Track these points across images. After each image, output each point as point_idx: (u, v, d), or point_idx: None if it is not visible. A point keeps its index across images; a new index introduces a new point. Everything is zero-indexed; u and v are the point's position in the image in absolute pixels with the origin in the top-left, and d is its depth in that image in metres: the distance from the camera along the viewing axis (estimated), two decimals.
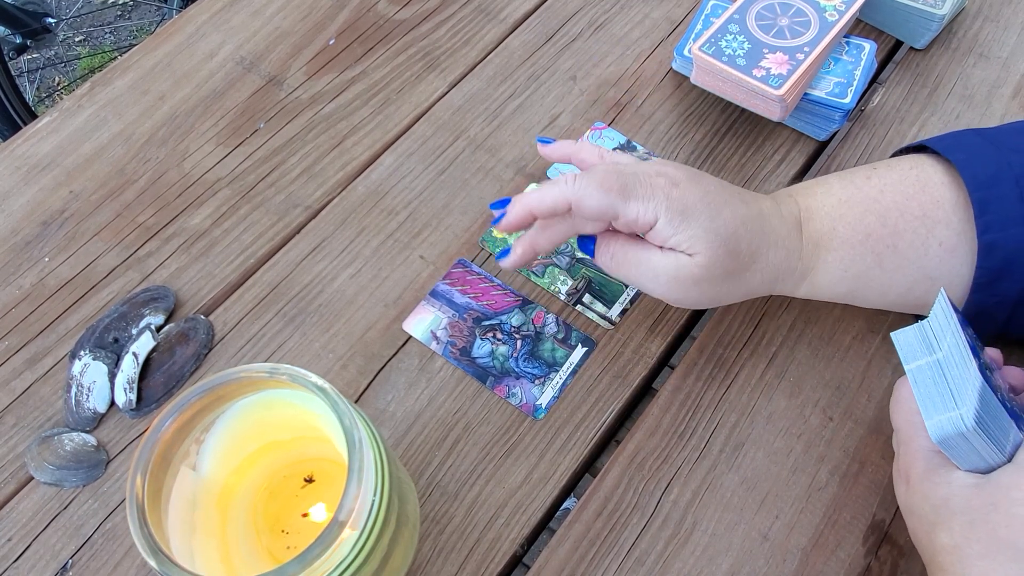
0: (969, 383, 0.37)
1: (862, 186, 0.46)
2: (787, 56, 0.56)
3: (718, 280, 0.44)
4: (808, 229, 0.46)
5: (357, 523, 0.32)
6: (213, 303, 0.54)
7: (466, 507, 0.47)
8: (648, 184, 0.43)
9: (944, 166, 0.46)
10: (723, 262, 0.43)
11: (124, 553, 0.46)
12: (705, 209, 0.43)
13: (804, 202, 0.47)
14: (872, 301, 0.48)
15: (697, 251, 0.43)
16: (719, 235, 0.43)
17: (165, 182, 0.59)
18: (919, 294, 0.46)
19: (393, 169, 0.59)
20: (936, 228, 0.44)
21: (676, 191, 0.43)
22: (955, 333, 0.38)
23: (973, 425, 0.36)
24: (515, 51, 0.65)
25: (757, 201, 0.46)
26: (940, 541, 0.38)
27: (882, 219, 0.45)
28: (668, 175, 0.44)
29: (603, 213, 0.43)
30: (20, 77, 1.85)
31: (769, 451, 0.48)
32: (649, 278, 0.45)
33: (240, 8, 0.68)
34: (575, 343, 0.51)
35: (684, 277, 0.44)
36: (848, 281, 0.46)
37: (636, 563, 0.45)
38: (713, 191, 0.44)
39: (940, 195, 0.44)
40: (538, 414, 0.49)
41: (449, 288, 0.53)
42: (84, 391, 0.50)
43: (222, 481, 0.38)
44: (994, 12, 0.65)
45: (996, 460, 0.37)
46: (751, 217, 0.44)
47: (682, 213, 0.42)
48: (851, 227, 0.45)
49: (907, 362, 0.39)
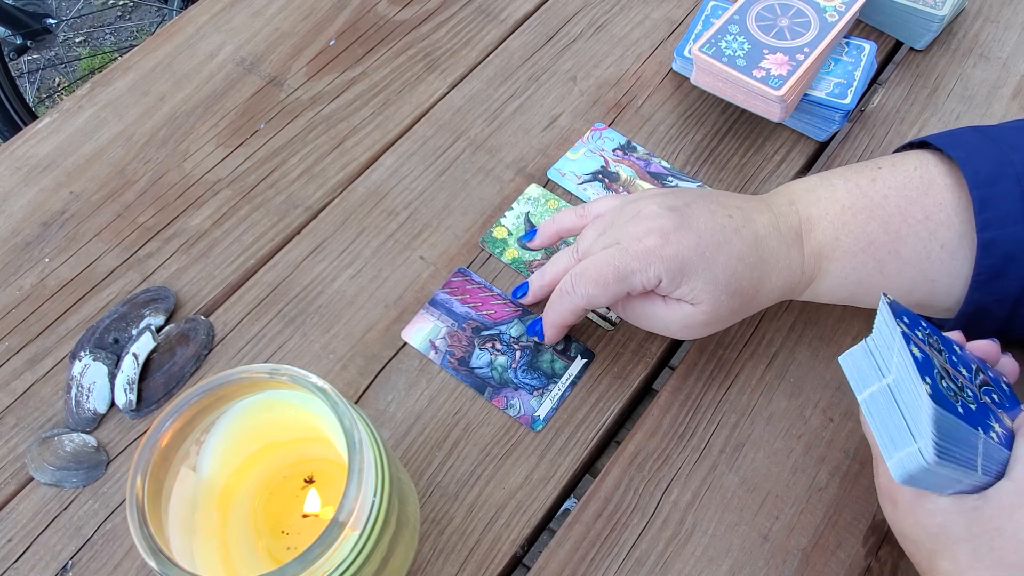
0: (922, 411, 0.34)
1: (867, 190, 0.46)
2: (787, 57, 0.56)
3: (727, 318, 0.46)
4: (810, 240, 0.46)
5: (357, 524, 0.32)
6: (213, 304, 0.54)
7: (466, 508, 0.46)
8: (640, 253, 0.44)
9: (947, 166, 0.45)
10: (727, 304, 0.45)
11: (124, 554, 0.46)
12: (700, 260, 0.43)
13: (805, 211, 0.47)
14: (873, 303, 0.48)
15: (700, 301, 0.44)
16: (718, 283, 0.44)
17: (165, 183, 0.59)
18: (920, 296, 0.46)
19: (393, 170, 0.59)
20: (938, 231, 0.44)
21: (669, 248, 0.43)
22: (900, 349, 0.35)
23: (934, 458, 0.33)
24: (515, 52, 0.65)
25: (751, 223, 0.45)
26: (943, 568, 0.36)
27: (885, 225, 0.45)
28: (658, 229, 0.44)
29: (615, 300, 0.45)
30: (20, 78, 1.85)
31: (769, 452, 0.48)
32: (661, 328, 0.47)
33: (240, 9, 0.68)
34: (574, 354, 0.51)
35: (694, 324, 0.46)
36: (849, 287, 0.46)
37: (636, 564, 0.45)
38: (706, 235, 0.44)
39: (943, 198, 0.44)
40: (536, 426, 0.49)
41: (449, 297, 0.53)
42: (84, 392, 0.50)
43: (222, 482, 0.38)
44: (994, 13, 0.65)
45: (975, 478, 0.35)
46: (747, 250, 0.44)
47: (680, 270, 0.44)
48: (854, 236, 0.45)
49: (859, 391, 0.37)
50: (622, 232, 0.45)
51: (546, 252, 0.55)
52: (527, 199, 0.57)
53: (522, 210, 0.56)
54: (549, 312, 0.48)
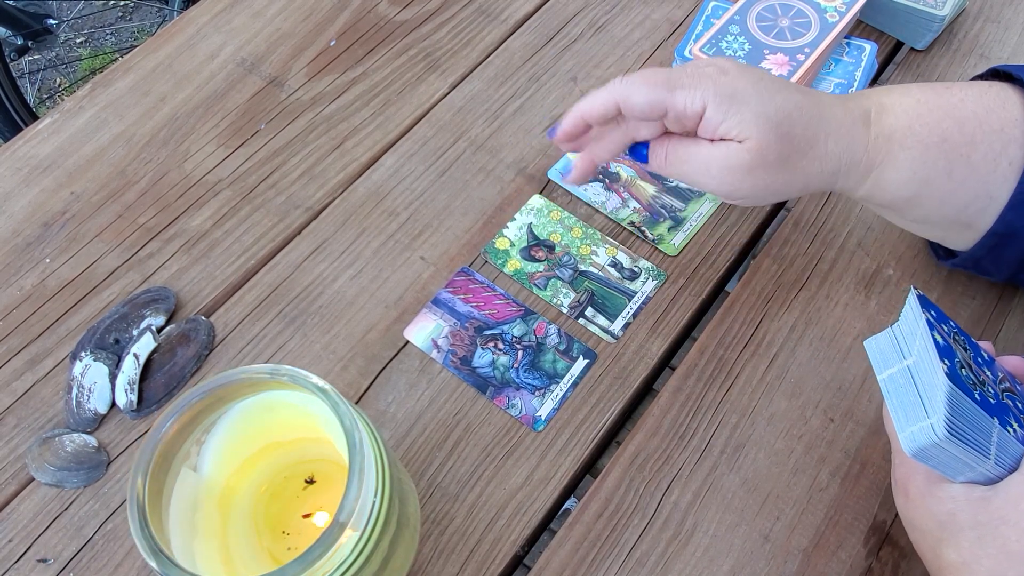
0: (938, 389, 0.35)
1: (942, 93, 0.45)
2: (788, 57, 0.56)
3: (772, 167, 0.42)
4: (882, 123, 0.44)
5: (358, 524, 0.32)
6: (214, 304, 0.54)
7: (467, 508, 0.46)
8: (695, 74, 0.42)
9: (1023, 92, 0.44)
10: (776, 146, 0.41)
11: (125, 554, 0.46)
12: (755, 93, 0.42)
13: (878, 98, 0.45)
14: (927, 213, 0.46)
15: (748, 135, 0.41)
16: (770, 119, 0.41)
17: (166, 183, 0.59)
18: (973, 212, 0.44)
19: (394, 170, 0.59)
20: (1010, 146, 0.43)
21: (724, 78, 0.42)
22: (924, 334, 0.37)
23: (945, 434, 0.34)
24: (516, 52, 0.65)
25: (818, 93, 0.45)
26: (947, 557, 0.36)
27: (960, 126, 0.43)
28: (718, 65, 0.43)
29: (651, 107, 0.42)
30: (21, 78, 1.85)
31: (770, 452, 0.48)
32: (701, 172, 0.44)
33: (241, 9, 0.68)
34: (576, 355, 0.51)
35: (736, 165, 0.42)
36: (915, 184, 0.44)
37: (637, 564, 0.44)
38: (767, 78, 0.43)
39: (1018, 115, 0.43)
40: (537, 426, 0.49)
41: (451, 296, 0.53)
42: (85, 392, 0.50)
43: (223, 482, 0.38)
44: (995, 13, 0.65)
45: (987, 467, 0.36)
46: (807, 104, 0.43)
47: (731, 97, 0.41)
48: (929, 128, 0.44)
49: (880, 371, 0.38)
50: (684, 64, 0.44)
51: (547, 261, 0.55)
52: (530, 210, 0.57)
53: (524, 221, 0.56)
54: (580, 101, 0.45)
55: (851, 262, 0.54)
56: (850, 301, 0.53)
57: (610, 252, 0.55)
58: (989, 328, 0.52)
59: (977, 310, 0.52)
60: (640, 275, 0.54)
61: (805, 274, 0.54)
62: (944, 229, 0.47)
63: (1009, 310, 0.52)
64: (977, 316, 0.52)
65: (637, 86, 0.42)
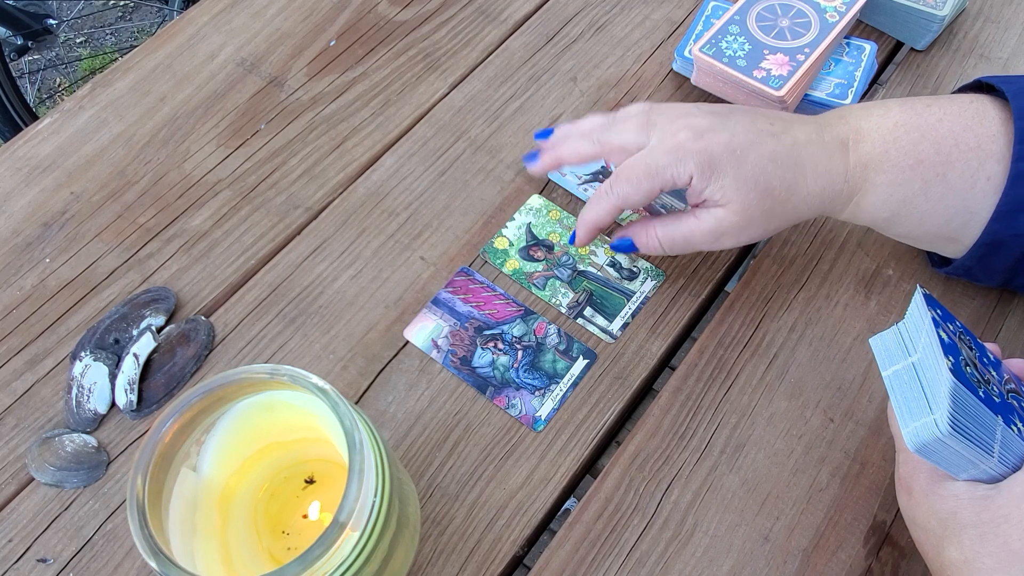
0: (942, 385, 0.35)
1: (922, 112, 0.46)
2: (788, 57, 0.56)
3: (760, 221, 0.46)
4: (858, 151, 0.46)
5: (358, 524, 0.32)
6: (214, 304, 0.54)
7: (467, 508, 0.46)
8: (671, 148, 0.45)
9: (1004, 104, 0.45)
10: (758, 203, 0.45)
11: (125, 554, 0.46)
12: (730, 157, 0.44)
13: (856, 124, 0.47)
14: (908, 230, 0.47)
15: (730, 200, 0.45)
16: (747, 180, 0.44)
17: (166, 183, 0.59)
18: (955, 227, 0.45)
19: (394, 170, 0.59)
20: (987, 162, 0.44)
21: (699, 143, 0.44)
22: (929, 331, 0.37)
23: (948, 430, 0.34)
24: (516, 52, 0.65)
25: (791, 131, 0.46)
26: (949, 556, 0.36)
27: (936, 147, 0.44)
28: (692, 127, 0.45)
29: (649, 199, 0.46)
30: (21, 78, 1.85)
31: (770, 452, 0.48)
32: (696, 243, 0.48)
33: (241, 10, 0.68)
34: (576, 355, 0.51)
35: (727, 229, 0.46)
36: (892, 205, 0.46)
37: (637, 564, 0.44)
38: (739, 135, 0.45)
39: (996, 130, 0.44)
40: (537, 426, 0.49)
41: (451, 296, 0.53)
42: (85, 392, 0.50)
43: (223, 482, 0.38)
44: (995, 13, 0.65)
45: (991, 464, 0.36)
46: (781, 152, 0.45)
47: (710, 165, 0.44)
48: (904, 151, 0.45)
49: (884, 368, 0.38)
50: (659, 127, 0.46)
51: (546, 261, 0.55)
52: (529, 210, 0.57)
53: (523, 221, 0.56)
54: (585, 213, 0.49)
55: (851, 262, 0.54)
56: (850, 301, 0.53)
57: (609, 252, 0.55)
58: (989, 328, 0.52)
59: (977, 310, 0.52)
60: (639, 275, 0.54)
61: (805, 274, 0.54)
62: (929, 243, 0.49)
63: (1009, 310, 0.52)
64: (977, 316, 0.52)
65: (628, 190, 0.46)
